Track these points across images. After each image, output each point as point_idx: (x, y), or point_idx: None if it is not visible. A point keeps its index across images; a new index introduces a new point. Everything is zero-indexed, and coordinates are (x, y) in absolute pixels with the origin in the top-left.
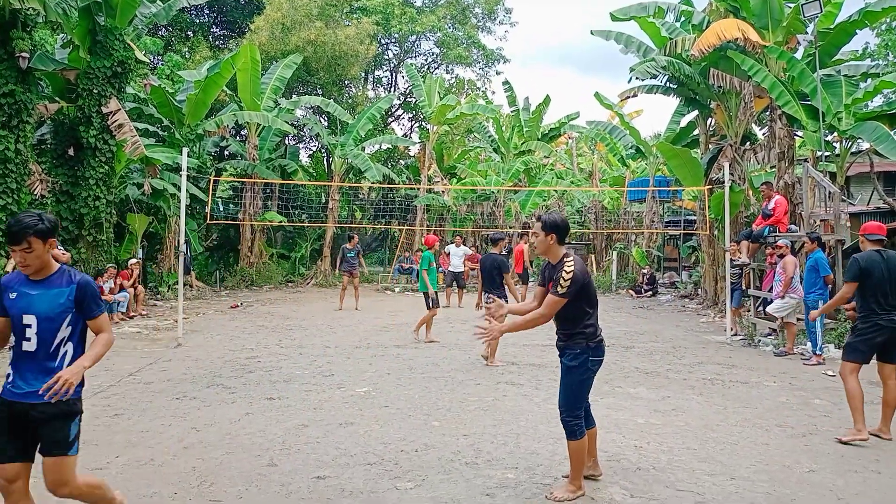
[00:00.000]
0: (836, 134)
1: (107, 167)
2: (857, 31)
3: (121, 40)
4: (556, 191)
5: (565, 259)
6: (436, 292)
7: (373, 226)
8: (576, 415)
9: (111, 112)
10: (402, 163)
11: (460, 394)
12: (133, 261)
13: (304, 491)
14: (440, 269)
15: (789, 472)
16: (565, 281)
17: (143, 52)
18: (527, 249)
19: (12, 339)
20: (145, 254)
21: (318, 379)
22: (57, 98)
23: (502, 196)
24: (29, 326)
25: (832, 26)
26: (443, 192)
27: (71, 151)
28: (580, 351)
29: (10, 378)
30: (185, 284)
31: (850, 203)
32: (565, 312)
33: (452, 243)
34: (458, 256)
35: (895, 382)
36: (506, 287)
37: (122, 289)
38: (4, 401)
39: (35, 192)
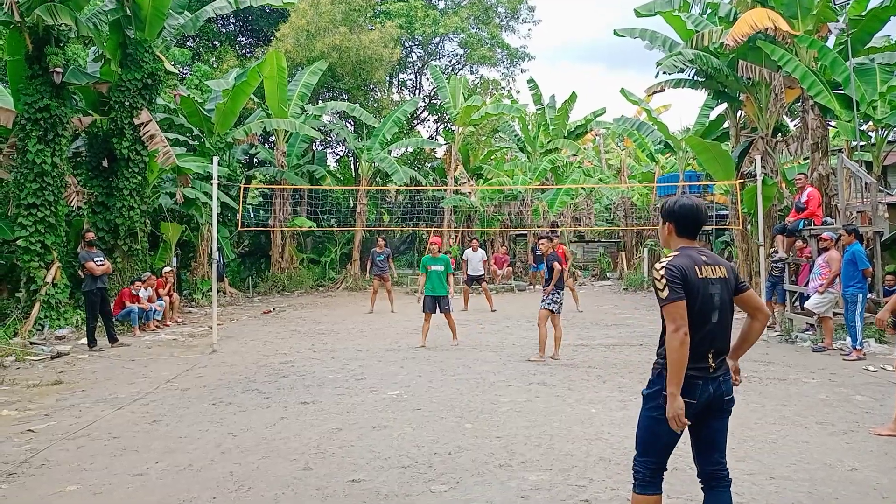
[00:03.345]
0: (871, 123)
1: (140, 178)
2: (891, 17)
3: (150, 52)
4: (584, 189)
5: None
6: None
7: (400, 228)
8: (642, 462)
9: (143, 123)
10: (429, 165)
11: (492, 395)
12: (167, 269)
13: (340, 494)
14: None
15: (831, 470)
16: (658, 282)
17: (172, 63)
18: (567, 251)
19: None
20: (179, 262)
21: (350, 382)
22: (90, 111)
23: (530, 195)
24: None
25: (864, 13)
26: (469, 193)
27: (105, 163)
28: (653, 378)
29: None
30: (218, 291)
31: (888, 193)
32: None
33: (469, 248)
34: (476, 260)
35: None
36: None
37: (158, 297)
38: None
39: (71, 204)
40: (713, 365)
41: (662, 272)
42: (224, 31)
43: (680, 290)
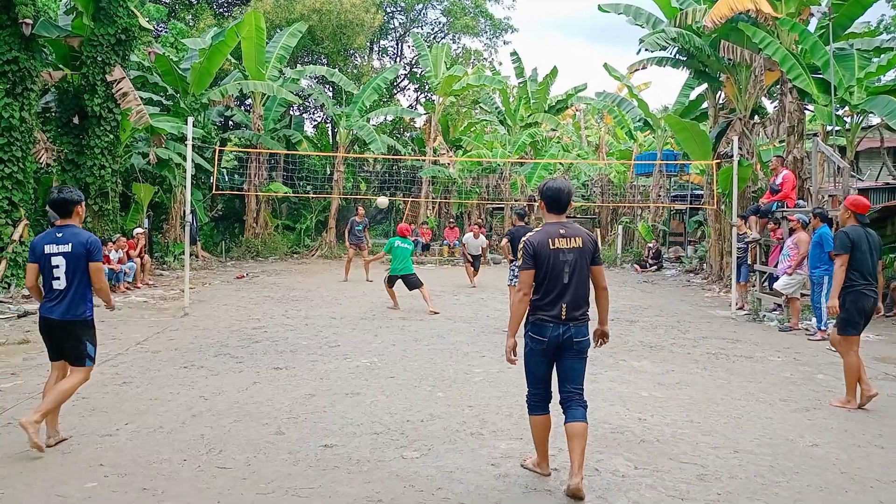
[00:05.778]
0: (847, 108)
1: (112, 136)
2: (874, 2)
3: (124, 7)
4: (562, 164)
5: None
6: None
7: (377, 198)
8: (529, 392)
9: (115, 80)
10: (408, 134)
11: (465, 365)
12: (139, 230)
13: (312, 459)
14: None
15: (793, 445)
16: (520, 252)
17: (147, 20)
18: None
19: None
20: (151, 224)
21: (324, 349)
22: (61, 65)
23: (508, 169)
24: None
25: None
26: (448, 164)
27: (76, 120)
28: (525, 323)
29: None
30: (191, 255)
31: (859, 178)
32: None
33: (470, 232)
34: (474, 247)
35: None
36: None
37: (129, 258)
38: None
39: (40, 161)
40: (565, 316)
41: (522, 245)
42: None
43: (530, 261)
